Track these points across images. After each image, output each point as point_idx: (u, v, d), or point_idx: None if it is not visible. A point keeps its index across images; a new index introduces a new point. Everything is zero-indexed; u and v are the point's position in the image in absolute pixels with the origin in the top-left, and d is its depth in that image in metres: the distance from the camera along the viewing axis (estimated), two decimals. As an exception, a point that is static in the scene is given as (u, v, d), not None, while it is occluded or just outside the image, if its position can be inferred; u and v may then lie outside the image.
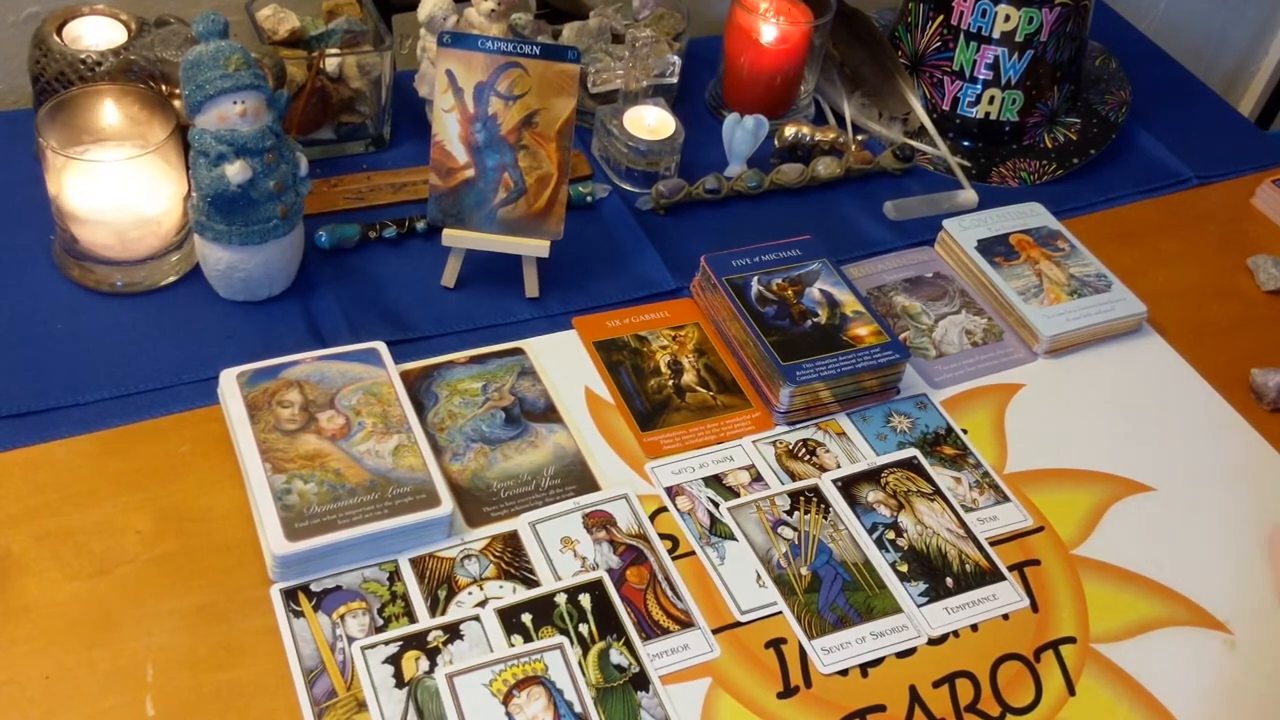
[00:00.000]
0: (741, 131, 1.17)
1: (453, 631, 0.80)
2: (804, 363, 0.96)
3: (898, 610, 0.86)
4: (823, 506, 0.91)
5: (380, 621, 0.80)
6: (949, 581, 0.88)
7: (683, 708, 0.79)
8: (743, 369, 1.00)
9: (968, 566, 0.89)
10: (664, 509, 0.90)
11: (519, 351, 0.99)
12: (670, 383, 0.99)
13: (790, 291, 1.02)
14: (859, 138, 1.23)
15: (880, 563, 0.88)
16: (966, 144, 1.27)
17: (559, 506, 0.88)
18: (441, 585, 0.83)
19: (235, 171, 0.90)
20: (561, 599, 0.83)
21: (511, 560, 0.85)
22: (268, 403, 0.87)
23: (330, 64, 1.10)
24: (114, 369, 0.92)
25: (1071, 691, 0.83)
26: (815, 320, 0.99)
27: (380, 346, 0.93)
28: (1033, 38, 1.20)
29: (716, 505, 0.90)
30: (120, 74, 1.01)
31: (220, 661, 0.77)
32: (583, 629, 0.81)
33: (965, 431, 0.99)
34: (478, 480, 0.89)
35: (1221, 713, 0.84)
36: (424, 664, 0.78)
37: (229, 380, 0.89)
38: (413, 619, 0.80)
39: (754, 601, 0.85)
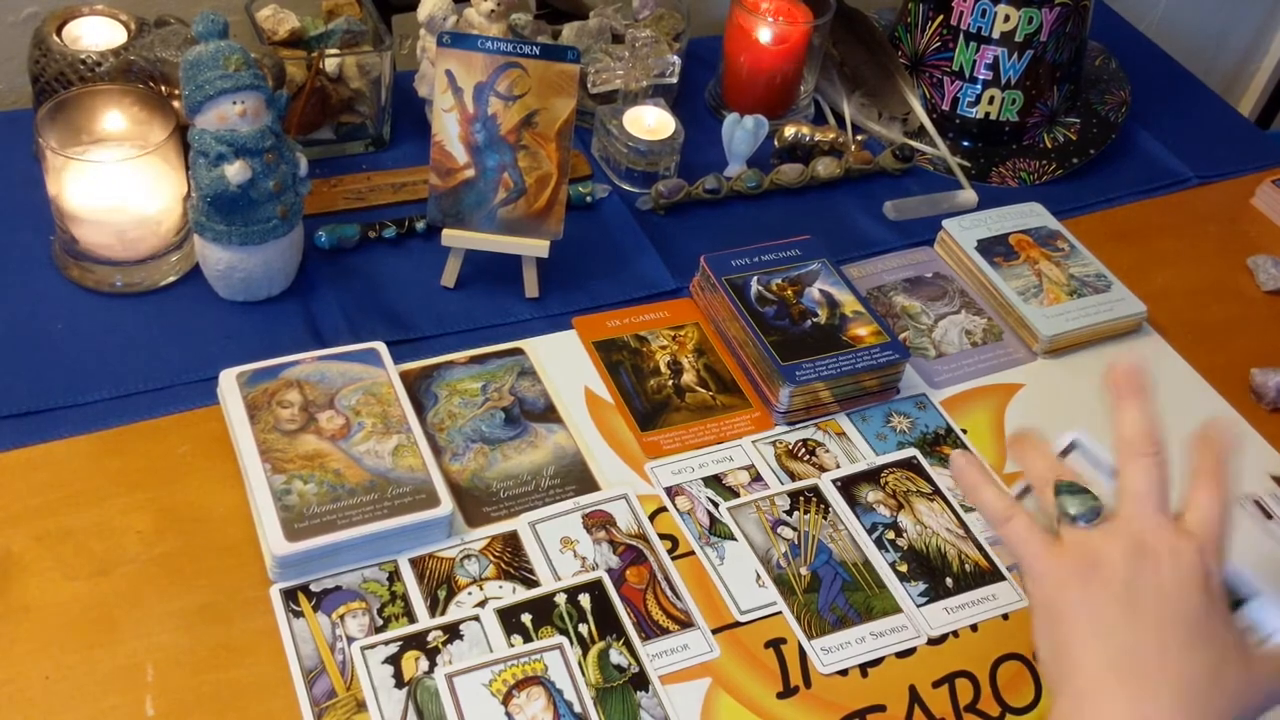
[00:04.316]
0: (741, 131, 1.17)
1: (452, 631, 0.80)
2: (804, 363, 0.96)
3: (897, 610, 0.86)
4: (822, 506, 0.91)
5: (380, 621, 0.80)
6: (949, 581, 0.88)
7: (682, 708, 0.79)
8: (742, 369, 1.00)
9: (967, 566, 0.89)
10: (663, 509, 0.90)
11: (519, 351, 0.99)
12: (670, 383, 0.98)
13: (790, 291, 1.02)
14: (859, 138, 1.23)
15: (880, 563, 0.88)
16: (966, 144, 1.27)
17: (559, 506, 0.88)
18: (441, 585, 0.82)
19: (235, 172, 0.90)
20: (561, 599, 0.83)
21: (511, 560, 0.85)
22: (267, 403, 0.87)
23: (330, 64, 1.10)
24: (114, 369, 0.92)
25: (1071, 691, 0.83)
26: (815, 320, 0.99)
27: (380, 346, 0.93)
28: (1032, 38, 1.20)
29: (716, 505, 0.90)
30: (120, 74, 1.01)
31: (220, 661, 0.77)
32: (582, 629, 0.81)
33: (965, 431, 0.99)
34: (477, 480, 0.89)
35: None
36: (424, 664, 0.78)
37: (229, 380, 0.89)
38: (412, 619, 0.80)
39: (754, 601, 0.85)
